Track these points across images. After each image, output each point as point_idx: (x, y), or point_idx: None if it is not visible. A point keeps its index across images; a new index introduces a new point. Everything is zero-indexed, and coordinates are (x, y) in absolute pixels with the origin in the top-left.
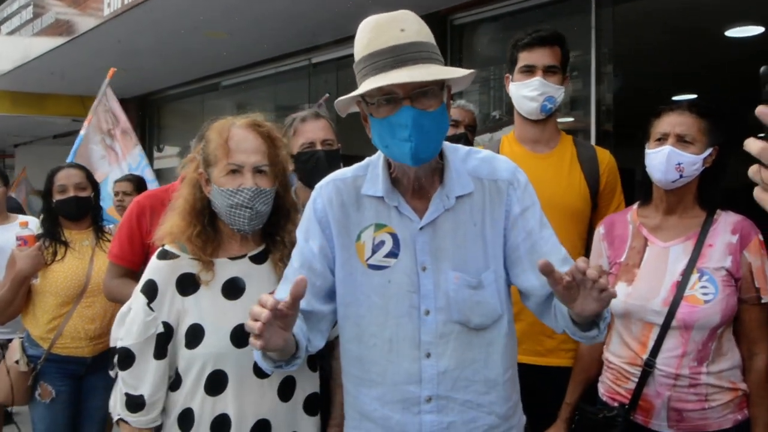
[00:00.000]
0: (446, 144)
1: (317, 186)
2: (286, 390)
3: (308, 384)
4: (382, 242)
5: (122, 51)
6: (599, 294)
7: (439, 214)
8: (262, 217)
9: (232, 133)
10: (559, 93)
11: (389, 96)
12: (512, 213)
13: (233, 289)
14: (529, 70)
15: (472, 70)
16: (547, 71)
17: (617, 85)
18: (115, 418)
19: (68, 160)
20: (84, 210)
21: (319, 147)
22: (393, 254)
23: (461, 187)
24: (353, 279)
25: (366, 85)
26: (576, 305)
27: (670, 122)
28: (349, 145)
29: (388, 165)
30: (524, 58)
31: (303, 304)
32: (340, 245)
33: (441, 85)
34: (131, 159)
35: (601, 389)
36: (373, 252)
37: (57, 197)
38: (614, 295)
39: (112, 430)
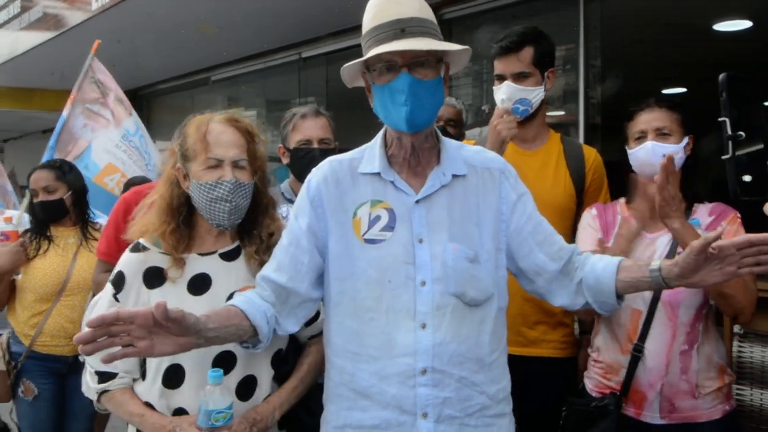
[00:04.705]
0: (440, 135)
1: (314, 168)
2: (245, 389)
3: (269, 384)
4: (378, 217)
5: (111, 45)
6: (730, 267)
7: (435, 189)
8: (241, 211)
9: (211, 128)
10: (533, 94)
11: (389, 64)
12: (510, 199)
13: (199, 284)
14: (500, 78)
15: (466, 47)
16: (517, 78)
17: (605, 78)
18: (94, 397)
19: (50, 144)
20: (54, 213)
21: (315, 145)
22: (389, 227)
23: (457, 168)
24: (349, 254)
25: (369, 53)
26: (696, 276)
27: (645, 120)
28: (339, 140)
29: (385, 144)
30: (496, 66)
31: (284, 279)
32: (336, 221)
33: (439, 59)
34: (128, 125)
35: (589, 385)
36: (370, 227)
37: (33, 200)
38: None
39: (103, 429)
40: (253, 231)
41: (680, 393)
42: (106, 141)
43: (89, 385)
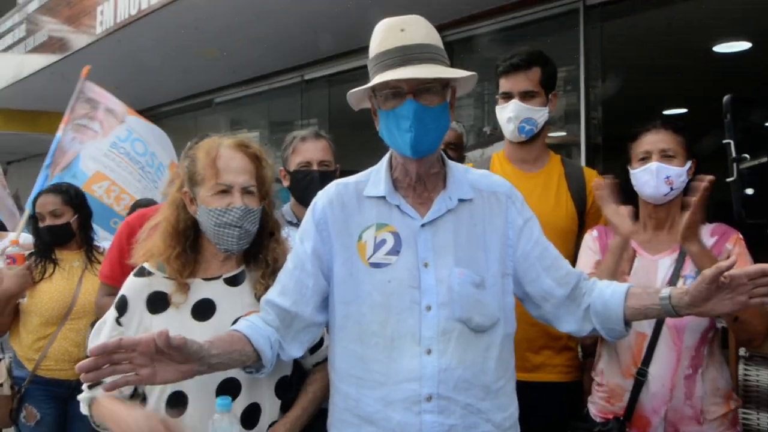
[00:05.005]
0: (447, 159)
1: (320, 192)
2: (250, 418)
3: (274, 411)
4: (384, 240)
5: (115, 68)
6: (741, 297)
7: (441, 213)
8: (250, 236)
9: (221, 153)
10: (539, 114)
11: (395, 90)
12: (516, 224)
13: (203, 310)
14: (507, 96)
15: (472, 72)
16: (524, 96)
17: (606, 99)
18: (85, 410)
19: (45, 163)
20: (60, 237)
21: (315, 167)
22: (395, 251)
23: (463, 192)
24: (354, 278)
25: (375, 80)
26: (707, 305)
27: (649, 141)
28: (341, 162)
29: (391, 167)
30: (502, 84)
31: (288, 303)
32: (341, 245)
33: (445, 84)
34: (118, 133)
35: (593, 410)
36: (375, 250)
37: (38, 224)
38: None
39: None
40: (258, 255)
41: (685, 419)
42: (94, 150)
43: (83, 397)
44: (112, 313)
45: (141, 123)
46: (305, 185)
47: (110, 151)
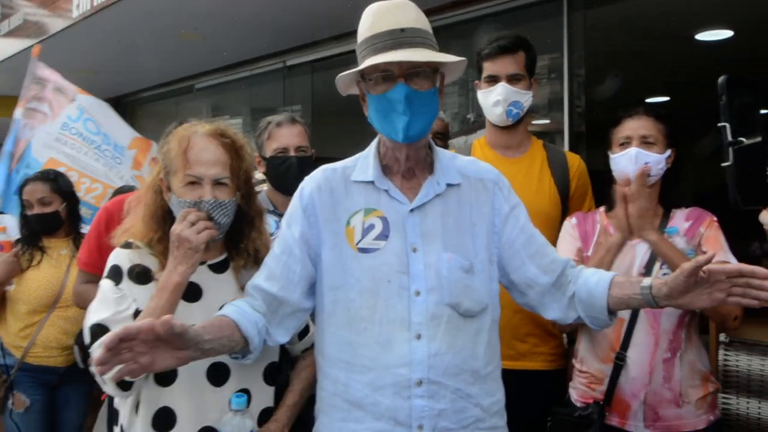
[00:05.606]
0: (434, 146)
1: (307, 177)
2: None
3: (264, 397)
4: (372, 225)
5: (93, 53)
6: (719, 294)
7: (429, 198)
8: (223, 228)
9: (193, 143)
10: (525, 98)
11: (386, 74)
12: (502, 211)
13: (191, 293)
14: (493, 80)
15: (462, 58)
16: (511, 79)
17: (590, 87)
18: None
19: (7, 149)
20: (49, 225)
21: (292, 153)
22: (383, 236)
23: (451, 177)
24: (343, 263)
25: (365, 63)
26: (685, 298)
27: (631, 126)
28: (324, 148)
29: (379, 153)
30: (488, 67)
31: (275, 288)
32: (329, 230)
33: (434, 69)
34: (69, 112)
35: (575, 395)
36: (363, 235)
37: (26, 212)
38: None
39: None
40: (240, 244)
41: (664, 401)
42: (45, 136)
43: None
44: (106, 283)
45: (92, 101)
46: (282, 171)
47: (61, 134)
